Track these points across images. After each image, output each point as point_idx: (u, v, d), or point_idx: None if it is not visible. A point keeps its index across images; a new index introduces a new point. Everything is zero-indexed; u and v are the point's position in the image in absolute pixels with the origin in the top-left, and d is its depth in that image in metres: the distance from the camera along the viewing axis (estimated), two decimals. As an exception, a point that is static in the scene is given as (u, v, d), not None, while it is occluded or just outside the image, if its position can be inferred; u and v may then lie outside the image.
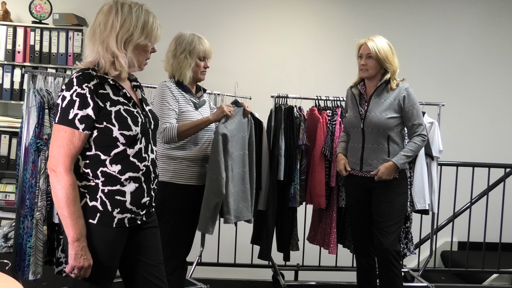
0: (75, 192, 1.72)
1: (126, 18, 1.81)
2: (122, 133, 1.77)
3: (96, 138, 1.76)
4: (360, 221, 3.01)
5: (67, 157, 1.71)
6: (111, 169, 1.78)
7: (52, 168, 1.71)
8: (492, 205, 4.16)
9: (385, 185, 2.86)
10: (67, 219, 1.69)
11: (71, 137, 1.71)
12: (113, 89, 1.81)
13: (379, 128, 2.85)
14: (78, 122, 1.71)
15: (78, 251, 1.70)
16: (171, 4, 5.01)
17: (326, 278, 4.02)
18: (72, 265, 1.70)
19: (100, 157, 1.77)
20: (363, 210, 2.97)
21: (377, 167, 2.85)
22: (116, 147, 1.78)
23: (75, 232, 1.70)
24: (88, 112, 1.72)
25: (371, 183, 2.89)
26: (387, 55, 2.84)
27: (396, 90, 2.88)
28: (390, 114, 2.85)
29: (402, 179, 2.92)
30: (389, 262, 2.84)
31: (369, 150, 2.89)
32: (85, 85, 1.73)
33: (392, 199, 2.87)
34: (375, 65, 2.86)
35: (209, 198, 2.58)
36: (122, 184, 1.79)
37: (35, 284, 3.06)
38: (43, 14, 4.64)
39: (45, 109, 2.91)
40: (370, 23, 5.10)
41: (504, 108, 5.29)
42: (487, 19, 5.26)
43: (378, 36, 2.90)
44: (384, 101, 2.87)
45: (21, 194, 2.97)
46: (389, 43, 2.89)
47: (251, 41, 5.10)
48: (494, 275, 4.45)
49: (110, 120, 1.76)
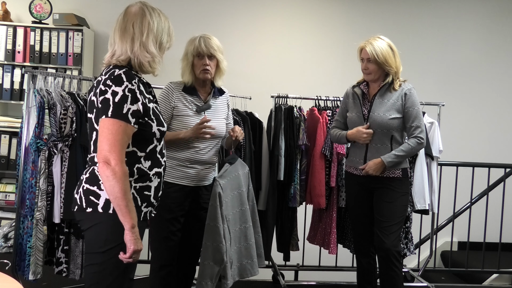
0: (128, 183, 1.81)
1: (159, 22, 1.94)
2: (159, 128, 1.91)
3: (137, 133, 1.85)
4: (361, 221, 3.01)
5: (121, 150, 1.79)
6: (144, 166, 1.89)
7: (105, 161, 1.77)
8: (492, 205, 4.15)
9: (387, 185, 2.87)
10: (125, 209, 1.78)
11: (125, 130, 1.79)
12: (145, 87, 1.91)
13: (383, 128, 2.85)
14: (131, 116, 1.80)
15: (136, 236, 1.81)
16: (171, 4, 5.01)
17: (326, 278, 4.01)
18: (133, 249, 1.81)
19: (137, 154, 1.88)
20: (364, 210, 2.96)
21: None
22: (151, 143, 1.91)
23: (133, 219, 1.80)
24: (139, 107, 1.83)
25: (373, 183, 2.89)
26: (386, 58, 2.82)
27: (399, 90, 2.88)
28: (393, 115, 2.84)
29: (404, 179, 2.91)
30: (390, 262, 2.84)
31: (373, 150, 2.88)
32: (134, 81, 1.83)
33: (394, 199, 2.86)
34: (376, 68, 2.85)
35: (209, 267, 2.47)
36: (150, 179, 1.92)
37: (35, 284, 3.05)
38: (43, 14, 4.64)
39: (45, 109, 2.91)
40: (370, 23, 5.09)
41: (504, 108, 5.29)
42: (487, 19, 5.25)
43: (378, 38, 2.87)
44: (387, 101, 2.87)
45: (21, 194, 2.97)
46: (390, 44, 2.87)
47: (251, 41, 5.09)
48: (494, 275, 4.45)
49: (150, 116, 1.87)
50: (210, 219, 2.48)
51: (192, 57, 2.63)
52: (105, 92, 1.80)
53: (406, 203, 2.99)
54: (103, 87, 1.82)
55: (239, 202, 2.68)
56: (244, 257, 2.70)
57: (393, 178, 2.87)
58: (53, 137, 2.90)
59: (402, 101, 2.86)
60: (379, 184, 2.87)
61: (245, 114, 3.48)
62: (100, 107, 1.81)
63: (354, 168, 2.97)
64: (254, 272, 2.77)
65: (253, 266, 2.75)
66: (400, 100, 2.86)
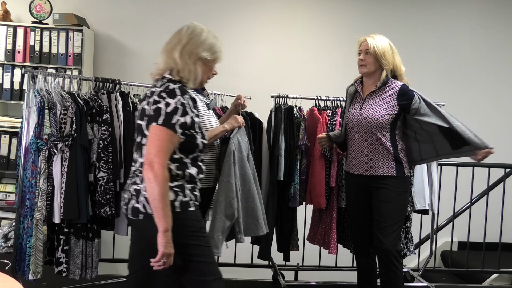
0: (168, 188, 1.97)
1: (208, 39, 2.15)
2: (202, 141, 2.11)
3: (183, 142, 2.04)
4: (359, 221, 3.01)
5: (165, 156, 1.96)
6: (192, 171, 2.08)
7: (150, 164, 1.93)
8: (492, 205, 4.15)
9: (385, 185, 2.86)
10: (160, 211, 1.93)
11: (172, 138, 1.98)
12: (193, 102, 2.11)
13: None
14: (178, 127, 1.99)
15: (168, 240, 1.94)
16: (170, 3, 5.02)
17: (326, 278, 4.02)
18: (163, 252, 1.93)
19: (183, 160, 2.06)
20: (363, 210, 2.96)
21: (376, 165, 2.86)
22: (195, 152, 2.10)
23: (167, 223, 1.94)
24: (187, 120, 2.02)
25: (371, 183, 2.89)
26: (385, 52, 2.84)
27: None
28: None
29: (401, 178, 2.90)
30: (390, 262, 2.83)
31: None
32: (186, 96, 2.03)
33: (392, 198, 2.86)
34: (373, 61, 2.86)
35: (221, 221, 2.61)
36: (196, 183, 2.13)
37: (35, 284, 3.05)
38: (43, 14, 4.64)
39: (45, 109, 2.91)
40: (370, 23, 5.09)
41: (504, 108, 5.29)
42: (487, 19, 5.25)
43: (379, 35, 2.91)
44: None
45: (21, 194, 2.97)
46: (390, 43, 2.90)
47: (251, 41, 5.09)
48: (494, 275, 4.45)
49: (195, 129, 2.07)
50: (224, 175, 2.61)
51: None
52: (158, 102, 1.99)
53: (404, 202, 2.98)
54: (157, 98, 2.00)
55: (244, 165, 2.80)
56: (250, 217, 2.81)
57: (388, 177, 2.86)
58: (53, 137, 2.90)
59: (396, 99, 2.84)
60: (377, 184, 2.87)
61: (245, 114, 3.47)
62: (152, 114, 1.99)
63: (352, 168, 2.97)
64: (257, 232, 2.91)
65: (257, 227, 2.90)
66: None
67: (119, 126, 3.07)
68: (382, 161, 2.86)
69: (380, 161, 2.86)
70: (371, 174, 2.88)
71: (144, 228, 2.05)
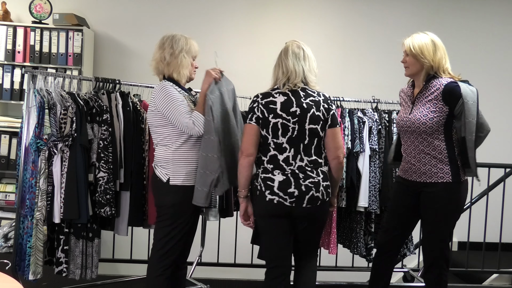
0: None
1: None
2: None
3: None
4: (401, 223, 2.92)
5: None
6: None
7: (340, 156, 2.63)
8: (492, 205, 4.15)
9: (435, 190, 2.71)
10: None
11: None
12: None
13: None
14: None
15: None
16: (170, 3, 5.02)
17: (326, 278, 4.01)
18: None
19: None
20: (408, 213, 2.88)
21: (429, 172, 2.70)
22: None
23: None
24: None
25: (420, 187, 2.76)
26: (423, 49, 2.67)
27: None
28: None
29: (458, 183, 2.72)
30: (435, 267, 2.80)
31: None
32: None
33: (441, 204, 2.72)
34: (414, 61, 2.71)
35: (205, 175, 2.62)
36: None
37: (35, 284, 3.05)
38: (43, 14, 4.64)
39: (45, 109, 2.91)
40: (370, 23, 5.09)
41: (504, 108, 5.29)
42: (487, 19, 5.26)
43: (421, 32, 2.76)
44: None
45: (21, 194, 2.97)
46: (434, 39, 2.72)
47: (251, 41, 5.09)
48: (494, 275, 4.45)
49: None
50: (205, 132, 2.63)
51: (191, 57, 2.77)
52: (331, 110, 2.60)
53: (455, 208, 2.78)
54: (327, 106, 2.61)
55: (227, 118, 2.80)
56: (233, 168, 2.74)
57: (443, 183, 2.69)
58: (53, 137, 2.90)
59: (442, 99, 2.65)
60: (426, 189, 2.74)
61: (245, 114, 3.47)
62: (330, 120, 2.58)
63: (405, 174, 2.84)
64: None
65: None
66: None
67: (119, 126, 3.07)
68: (435, 166, 2.69)
69: (433, 167, 2.69)
70: (424, 180, 2.72)
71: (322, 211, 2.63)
